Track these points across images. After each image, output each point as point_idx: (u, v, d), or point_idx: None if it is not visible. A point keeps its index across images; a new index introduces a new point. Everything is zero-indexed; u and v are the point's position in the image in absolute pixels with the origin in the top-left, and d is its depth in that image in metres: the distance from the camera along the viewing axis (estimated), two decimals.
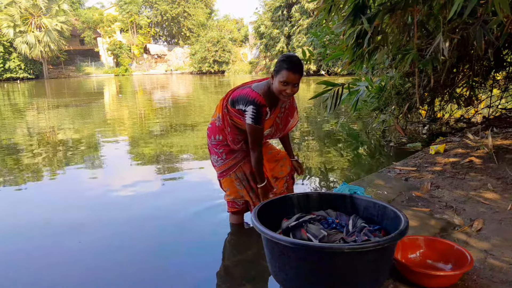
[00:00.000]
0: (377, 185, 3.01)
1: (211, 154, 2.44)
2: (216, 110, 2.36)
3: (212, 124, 2.38)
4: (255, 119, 2.10)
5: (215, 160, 2.41)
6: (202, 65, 37.42)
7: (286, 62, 2.02)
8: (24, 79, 35.15)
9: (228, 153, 2.36)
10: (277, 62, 2.07)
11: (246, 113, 2.12)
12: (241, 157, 2.36)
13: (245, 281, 2.01)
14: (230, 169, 2.38)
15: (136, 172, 4.45)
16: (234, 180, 2.39)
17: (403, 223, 1.54)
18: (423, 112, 5.51)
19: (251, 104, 2.09)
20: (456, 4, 1.94)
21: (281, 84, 2.03)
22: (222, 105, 2.28)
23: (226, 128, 2.29)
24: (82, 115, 9.87)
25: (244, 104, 2.13)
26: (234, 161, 2.36)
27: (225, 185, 2.45)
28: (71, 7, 38.10)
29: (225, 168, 2.39)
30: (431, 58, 2.46)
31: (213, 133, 2.37)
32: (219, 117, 2.31)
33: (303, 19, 26.84)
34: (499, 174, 3.02)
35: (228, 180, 2.41)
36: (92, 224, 2.92)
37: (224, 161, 2.37)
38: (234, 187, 2.42)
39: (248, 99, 2.11)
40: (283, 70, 2.01)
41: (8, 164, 4.83)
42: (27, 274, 2.23)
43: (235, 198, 2.46)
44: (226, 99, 2.27)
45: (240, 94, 2.18)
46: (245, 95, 2.14)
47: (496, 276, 1.69)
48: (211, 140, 2.39)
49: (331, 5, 2.67)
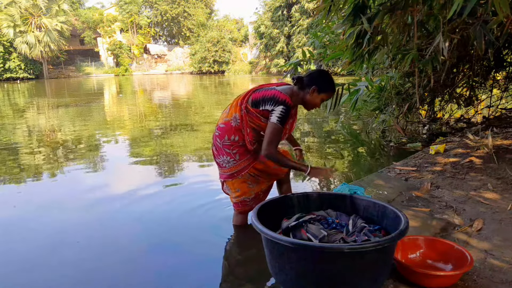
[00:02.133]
0: (377, 185, 3.01)
1: (220, 155, 2.37)
2: (231, 110, 2.31)
3: (227, 124, 2.31)
4: (281, 119, 2.13)
5: (226, 161, 2.35)
6: (202, 65, 37.42)
7: (332, 85, 2.23)
8: (24, 79, 35.13)
9: (242, 154, 2.32)
10: (321, 79, 2.21)
11: (273, 112, 2.14)
12: (253, 159, 2.35)
13: (245, 281, 2.01)
14: (242, 170, 2.35)
15: (136, 172, 4.45)
16: (247, 179, 2.38)
17: (403, 223, 1.54)
18: (423, 112, 5.51)
19: (282, 104, 2.14)
20: (456, 4, 1.94)
21: (319, 101, 2.22)
22: (240, 106, 2.26)
23: (244, 129, 2.26)
24: (82, 115, 9.87)
25: (273, 104, 2.15)
26: (246, 162, 2.34)
27: (236, 186, 2.41)
28: (71, 7, 38.05)
29: (237, 169, 2.35)
30: (431, 58, 2.46)
31: (227, 133, 2.31)
32: (236, 117, 2.27)
33: (303, 19, 26.85)
34: (499, 174, 3.02)
35: (239, 181, 2.38)
36: (91, 224, 2.92)
37: (237, 162, 2.33)
38: (246, 187, 2.40)
39: (279, 99, 2.15)
40: (330, 91, 2.24)
41: (7, 164, 4.83)
42: (25, 274, 2.23)
43: (247, 197, 2.44)
44: (245, 100, 2.25)
45: (265, 95, 2.20)
46: (275, 95, 2.17)
47: (496, 276, 1.69)
48: (223, 140, 2.32)
49: (331, 5, 2.67)
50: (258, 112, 2.20)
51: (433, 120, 5.47)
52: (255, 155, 2.34)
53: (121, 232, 2.76)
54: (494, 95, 5.39)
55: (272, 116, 2.14)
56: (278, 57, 29.60)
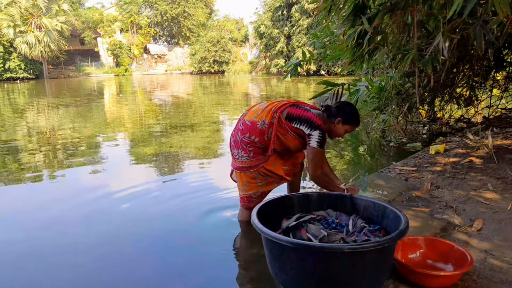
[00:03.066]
0: (377, 185, 3.01)
1: (236, 148, 2.44)
2: (263, 113, 2.35)
3: (253, 124, 2.35)
4: (320, 143, 2.26)
5: (240, 155, 2.42)
6: (202, 65, 37.42)
7: (356, 118, 2.35)
8: (24, 79, 35.14)
9: (257, 153, 2.39)
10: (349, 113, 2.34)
11: (311, 137, 2.26)
12: (265, 160, 2.40)
13: (245, 281, 2.01)
14: (253, 167, 2.41)
15: (137, 172, 4.44)
16: (257, 177, 2.44)
17: (403, 223, 1.54)
18: (423, 112, 5.51)
19: (318, 129, 2.26)
20: (456, 4, 1.94)
21: (343, 131, 2.35)
22: (272, 113, 2.31)
23: (272, 136, 2.31)
24: (82, 115, 9.87)
25: (309, 128, 2.26)
26: (258, 161, 2.40)
27: (244, 180, 2.47)
28: (71, 7, 38.07)
29: (248, 165, 2.42)
30: (431, 58, 2.46)
31: (250, 131, 2.36)
32: (265, 121, 2.31)
33: (303, 19, 26.84)
34: (499, 174, 3.02)
35: (249, 176, 2.45)
36: (89, 224, 2.92)
37: (250, 159, 2.40)
38: (255, 183, 2.46)
39: (315, 124, 2.26)
40: (354, 124, 2.37)
41: (6, 164, 4.83)
42: (23, 275, 2.23)
43: (254, 193, 2.48)
44: (280, 110, 2.31)
45: (301, 115, 2.28)
46: (311, 119, 2.26)
47: (496, 276, 1.69)
48: (244, 136, 2.38)
49: (331, 5, 2.67)
50: (290, 128, 2.29)
51: (433, 120, 5.47)
52: (268, 157, 2.40)
53: (120, 233, 2.76)
54: (494, 95, 5.39)
55: (311, 140, 2.25)
56: (278, 57, 29.59)
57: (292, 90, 16.84)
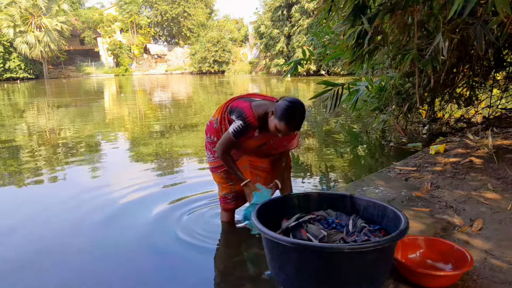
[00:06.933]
0: (377, 185, 3.01)
1: (206, 149, 2.52)
2: (216, 112, 2.38)
3: (211, 123, 2.41)
4: (236, 133, 2.11)
5: (208, 156, 2.51)
6: (202, 65, 37.43)
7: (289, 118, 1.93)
8: (24, 79, 35.14)
9: None
10: (282, 108, 1.94)
11: (233, 123, 2.13)
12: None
13: (245, 281, 2.01)
14: (219, 168, 2.44)
15: (134, 173, 4.43)
16: (226, 176, 2.46)
17: (403, 223, 1.54)
18: (423, 112, 5.51)
19: (242, 121, 2.08)
20: (456, 4, 1.94)
21: (275, 128, 1.99)
22: (222, 110, 2.32)
23: (222, 132, 2.31)
24: (82, 115, 9.87)
25: (236, 116, 2.13)
26: None
27: (217, 180, 2.53)
28: (71, 7, 38.10)
29: (214, 165, 2.47)
30: (431, 58, 2.46)
31: (210, 131, 2.42)
32: (217, 119, 2.34)
33: (303, 19, 26.83)
34: (499, 174, 3.02)
35: (219, 176, 2.49)
36: (87, 224, 2.89)
37: (215, 159, 2.43)
38: (227, 183, 2.49)
39: (243, 115, 2.08)
40: (285, 124, 1.94)
41: (6, 164, 4.83)
42: (21, 275, 2.22)
43: (227, 193, 2.51)
44: (227, 106, 2.29)
45: (238, 106, 2.16)
46: (242, 109, 2.11)
47: (496, 276, 1.69)
48: (207, 137, 2.46)
49: (331, 5, 2.67)
50: (230, 120, 2.23)
51: (433, 120, 5.47)
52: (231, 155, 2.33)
53: (115, 234, 2.72)
54: (494, 95, 5.39)
55: (231, 126, 2.14)
56: (278, 57, 29.58)
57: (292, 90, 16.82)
